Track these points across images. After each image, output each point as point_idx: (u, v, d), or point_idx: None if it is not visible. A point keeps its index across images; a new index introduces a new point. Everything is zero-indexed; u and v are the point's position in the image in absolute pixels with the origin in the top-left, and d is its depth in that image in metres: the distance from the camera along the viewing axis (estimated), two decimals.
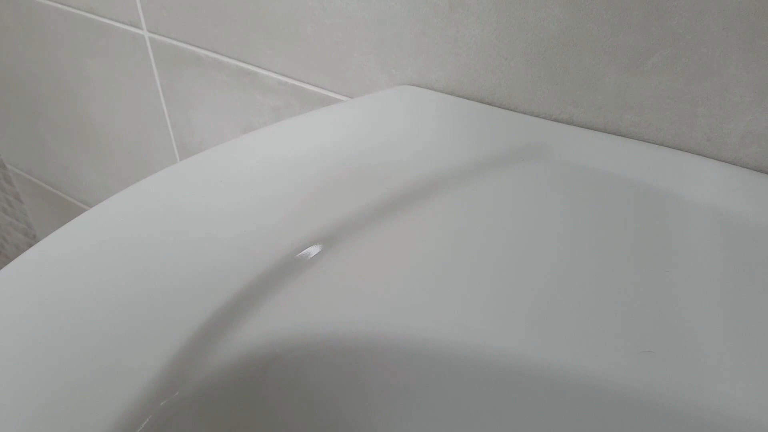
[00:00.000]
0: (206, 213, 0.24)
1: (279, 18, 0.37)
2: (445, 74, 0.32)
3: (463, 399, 0.21)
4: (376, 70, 0.34)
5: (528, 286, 0.21)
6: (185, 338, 0.19)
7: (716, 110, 0.26)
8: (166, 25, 0.44)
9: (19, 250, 1.00)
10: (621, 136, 0.29)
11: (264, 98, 0.42)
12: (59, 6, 0.52)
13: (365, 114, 0.31)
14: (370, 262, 0.22)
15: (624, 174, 0.27)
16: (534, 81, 0.30)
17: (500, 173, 0.27)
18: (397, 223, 0.24)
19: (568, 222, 0.24)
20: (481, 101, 0.32)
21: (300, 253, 0.22)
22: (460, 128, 0.29)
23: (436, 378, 0.21)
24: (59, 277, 0.21)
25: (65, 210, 0.75)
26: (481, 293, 0.21)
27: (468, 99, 0.32)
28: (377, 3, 0.32)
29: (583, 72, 0.28)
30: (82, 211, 0.71)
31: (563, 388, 0.20)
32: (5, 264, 0.91)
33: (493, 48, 0.30)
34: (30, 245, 0.92)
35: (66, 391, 0.17)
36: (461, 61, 0.31)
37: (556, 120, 0.30)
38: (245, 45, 0.40)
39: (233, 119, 0.45)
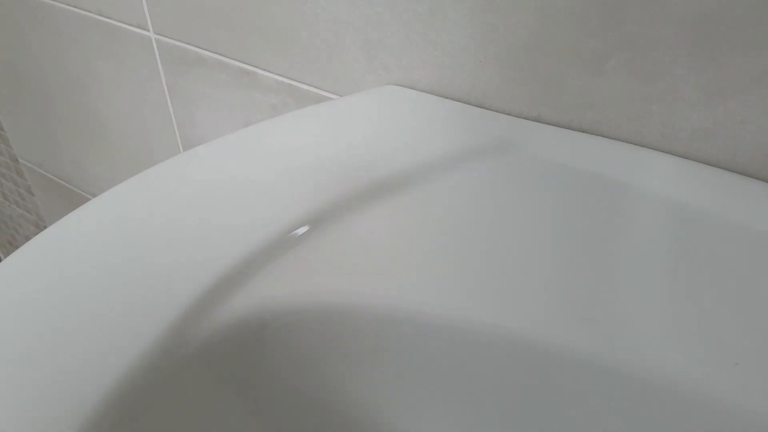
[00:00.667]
0: (203, 199, 0.27)
1: (276, 22, 0.40)
2: (426, 75, 0.35)
3: (431, 361, 0.24)
4: (364, 70, 0.37)
5: (492, 263, 0.24)
6: (186, 305, 0.22)
7: (668, 108, 0.29)
8: (171, 27, 0.47)
9: None
10: (584, 132, 0.31)
11: (262, 97, 0.44)
12: (70, 8, 0.55)
13: (352, 111, 0.33)
14: (351, 242, 0.25)
15: (585, 167, 0.29)
16: (506, 82, 0.32)
17: (472, 165, 0.29)
18: (377, 208, 0.27)
19: (532, 209, 0.27)
20: (459, 100, 0.34)
21: (290, 233, 0.25)
22: (438, 125, 0.32)
23: (406, 342, 0.23)
24: (71, 254, 0.24)
25: (75, 202, 0.78)
26: (449, 268, 0.24)
27: (447, 98, 0.35)
28: (365, 10, 0.35)
29: (549, 74, 0.31)
30: None
31: (518, 351, 0.23)
32: None
33: (468, 51, 0.33)
34: None
35: (78, 352, 0.20)
36: (441, 63, 0.34)
37: (526, 118, 0.33)
38: (245, 47, 0.43)
39: (233, 116, 0.48)
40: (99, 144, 0.65)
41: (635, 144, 0.30)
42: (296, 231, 0.25)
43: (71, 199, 0.78)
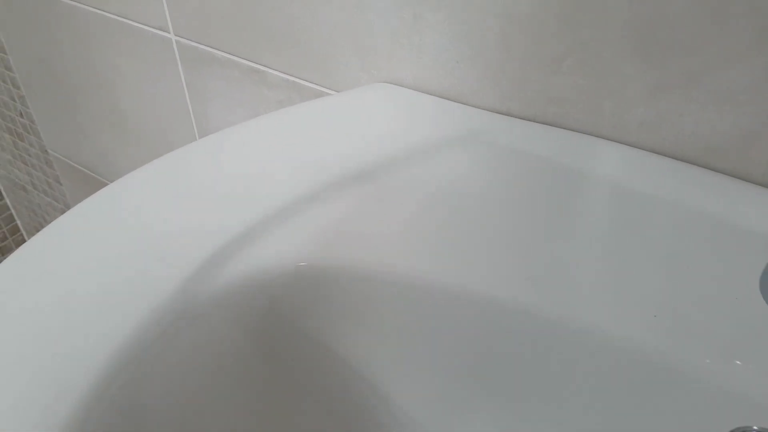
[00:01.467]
0: (220, 177, 0.31)
1: (281, 27, 0.45)
2: (411, 74, 0.39)
3: (404, 312, 0.28)
4: (358, 69, 0.42)
5: (459, 233, 0.29)
6: (204, 259, 0.27)
7: (617, 103, 0.33)
8: (189, 30, 0.52)
9: None
10: (546, 124, 0.36)
11: (270, 92, 0.49)
12: (98, 12, 0.60)
13: (346, 105, 0.38)
14: (342, 215, 0.30)
15: (545, 154, 0.34)
16: (479, 80, 0.37)
17: (447, 152, 0.34)
18: (365, 187, 0.31)
19: (496, 189, 0.31)
20: (440, 96, 0.39)
21: (291, 206, 0.30)
22: (420, 117, 0.37)
23: (383, 295, 0.28)
24: (110, 218, 0.29)
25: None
26: (423, 238, 0.28)
27: (429, 94, 0.39)
28: (357, 16, 0.40)
29: (515, 73, 0.35)
30: None
31: (477, 306, 0.27)
32: None
33: (447, 53, 0.37)
34: None
35: (118, 293, 0.25)
36: (423, 63, 0.38)
37: (498, 112, 0.37)
38: (255, 48, 0.48)
39: (244, 110, 0.52)
40: (122, 136, 0.71)
41: (590, 134, 0.35)
42: (296, 204, 0.30)
43: (97, 187, 0.84)
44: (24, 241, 1.21)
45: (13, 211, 1.19)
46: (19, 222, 1.22)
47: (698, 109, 0.31)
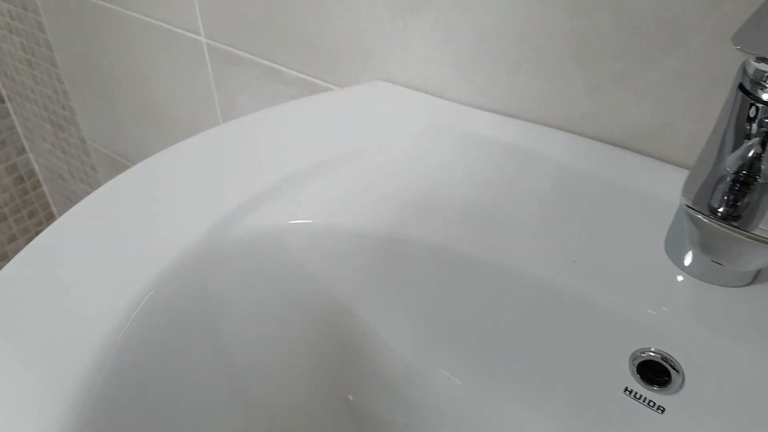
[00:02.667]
0: (244, 150, 0.39)
1: (297, 33, 0.53)
2: (404, 74, 0.47)
3: (382, 263, 0.36)
4: (359, 70, 0.50)
5: (430, 200, 0.36)
6: (227, 212, 0.35)
7: (566, 99, 0.41)
8: (218, 34, 0.60)
9: None
10: (510, 116, 0.43)
11: (285, 89, 0.57)
12: (139, 16, 0.68)
13: (347, 99, 0.46)
14: (340, 184, 0.37)
15: (506, 140, 0.41)
16: (457, 80, 0.44)
17: (425, 137, 0.42)
18: (358, 164, 0.39)
19: (463, 167, 0.39)
20: (425, 92, 0.47)
21: (294, 177, 0.38)
22: (407, 109, 0.44)
23: (364, 250, 0.36)
24: (152, 179, 0.37)
25: None
26: (405, 205, 0.36)
27: (416, 90, 0.47)
28: (359, 25, 0.48)
29: (485, 74, 0.43)
30: None
31: (441, 256, 0.35)
32: None
33: (431, 57, 0.45)
34: None
35: (154, 239, 0.33)
36: (413, 65, 0.46)
37: (473, 106, 0.45)
38: (273, 50, 0.56)
39: (263, 103, 0.61)
40: (155, 127, 0.80)
41: (544, 125, 0.42)
42: (300, 175, 0.38)
43: None
44: None
45: (50, 198, 1.29)
46: (54, 209, 1.32)
47: (627, 103, 0.39)
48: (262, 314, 0.37)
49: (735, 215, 0.22)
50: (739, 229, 0.22)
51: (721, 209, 0.22)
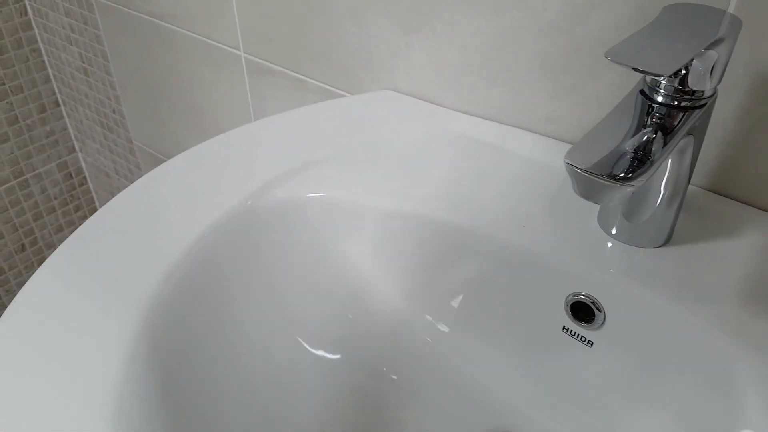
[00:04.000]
0: (269, 142, 0.50)
1: (319, 50, 0.63)
2: (405, 84, 0.57)
3: (378, 228, 0.46)
4: (370, 80, 0.60)
5: (409, 177, 0.46)
6: (258, 186, 0.45)
7: (532, 105, 0.50)
8: (255, 49, 0.71)
9: None
10: (489, 120, 0.53)
11: (309, 96, 0.68)
12: (187, 32, 0.80)
13: (357, 104, 0.56)
14: (342, 167, 0.48)
15: (483, 138, 0.51)
16: (448, 89, 0.54)
17: (417, 134, 0.51)
18: (359, 153, 0.49)
19: (442, 156, 0.49)
20: (423, 100, 0.57)
21: (310, 163, 0.48)
22: (405, 112, 0.54)
23: (363, 216, 0.46)
24: (190, 166, 0.47)
25: None
26: (387, 178, 0.46)
27: (416, 98, 0.57)
28: (370, 43, 0.58)
29: (470, 85, 0.53)
30: None
31: (417, 221, 0.44)
32: None
33: (427, 70, 0.55)
34: None
35: (199, 200, 0.44)
36: (413, 77, 0.56)
37: (460, 111, 0.55)
38: (300, 64, 0.67)
39: (290, 108, 0.71)
40: (197, 129, 0.91)
41: (514, 126, 0.52)
42: (314, 161, 0.48)
43: None
44: None
45: (94, 194, 1.42)
46: (97, 204, 1.44)
47: (580, 109, 0.48)
48: (289, 262, 0.47)
49: (626, 177, 0.31)
50: (612, 179, 0.30)
51: (620, 174, 0.31)
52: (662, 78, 0.34)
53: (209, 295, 0.41)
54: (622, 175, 0.29)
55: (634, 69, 0.28)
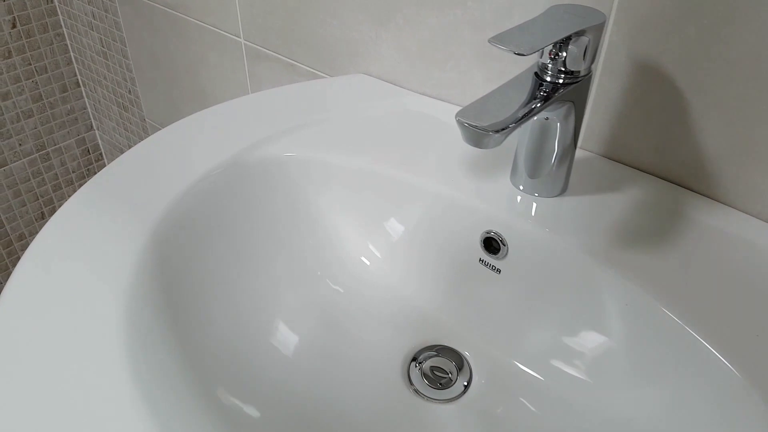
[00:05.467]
0: (251, 113, 0.61)
1: (306, 38, 0.74)
2: (375, 69, 0.69)
3: (347, 184, 0.57)
4: (348, 65, 0.71)
5: (374, 143, 0.57)
6: (246, 145, 0.56)
7: (471, 88, 0.61)
8: (253, 37, 0.83)
9: None
10: (440, 100, 0.64)
11: (298, 78, 0.79)
12: (196, 21, 0.91)
13: (332, 84, 0.67)
14: (318, 136, 0.59)
15: (432, 114, 0.62)
16: (407, 74, 0.65)
17: (379, 109, 0.63)
18: (328, 124, 0.60)
19: (401, 127, 0.60)
20: (389, 82, 0.68)
21: (289, 129, 0.59)
22: (374, 93, 0.66)
23: (335, 175, 0.57)
24: (197, 126, 0.59)
25: None
26: (351, 143, 0.57)
27: (384, 81, 0.68)
28: (348, 34, 0.69)
29: (425, 70, 0.64)
30: None
31: (372, 176, 0.56)
32: None
33: (392, 57, 0.66)
34: None
35: (196, 155, 0.55)
36: (381, 63, 0.67)
37: (417, 92, 0.66)
38: (291, 50, 0.78)
39: None
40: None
41: (456, 104, 0.63)
42: (292, 128, 0.60)
43: None
44: None
45: None
46: None
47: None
48: (272, 207, 0.58)
49: (494, 127, 0.42)
50: (483, 129, 0.41)
51: (504, 129, 0.42)
52: (549, 63, 0.45)
53: (204, 223, 0.52)
54: (491, 125, 0.40)
55: (502, 48, 0.39)
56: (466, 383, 0.51)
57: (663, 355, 0.43)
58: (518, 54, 0.39)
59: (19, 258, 1.45)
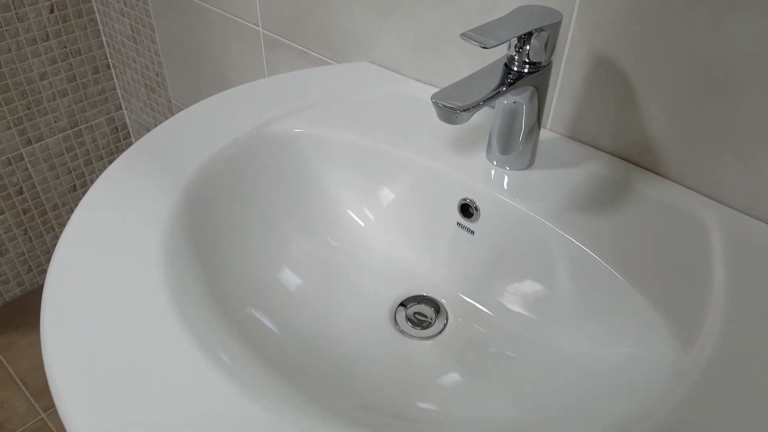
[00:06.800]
0: (266, 93, 0.70)
1: (317, 28, 0.83)
2: (378, 57, 0.77)
3: (347, 157, 0.66)
4: (354, 54, 0.80)
5: (367, 123, 0.66)
6: (259, 122, 0.65)
7: (457, 74, 0.70)
8: (270, 26, 0.92)
9: None
10: (429, 84, 0.73)
11: (309, 64, 0.88)
12: (220, 11, 1.01)
13: (338, 70, 0.76)
14: (319, 116, 0.68)
15: (422, 97, 0.71)
16: (405, 62, 0.74)
17: (379, 94, 0.72)
18: (331, 105, 0.70)
19: (388, 105, 0.69)
20: (389, 69, 0.77)
21: (298, 108, 0.69)
22: (375, 78, 0.75)
23: (336, 150, 0.66)
24: (218, 108, 0.68)
25: None
26: (356, 129, 0.66)
27: (384, 68, 0.77)
28: (354, 26, 0.78)
29: (419, 60, 0.73)
30: None
31: (367, 150, 0.65)
32: None
33: (393, 47, 0.75)
34: None
35: (219, 130, 0.65)
36: (383, 52, 0.76)
37: (412, 78, 0.75)
38: (303, 39, 0.87)
39: None
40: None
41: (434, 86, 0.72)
42: (299, 108, 0.69)
43: None
44: None
45: None
46: None
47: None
48: (282, 174, 0.68)
49: (461, 107, 0.51)
50: (452, 109, 0.50)
51: (469, 109, 0.51)
52: (515, 54, 0.54)
53: (226, 184, 0.62)
54: (459, 105, 0.49)
55: (471, 42, 0.48)
56: (443, 325, 0.60)
57: (599, 299, 0.51)
58: (483, 47, 0.48)
59: (52, 227, 1.57)
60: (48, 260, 1.61)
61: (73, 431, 0.39)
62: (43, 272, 1.62)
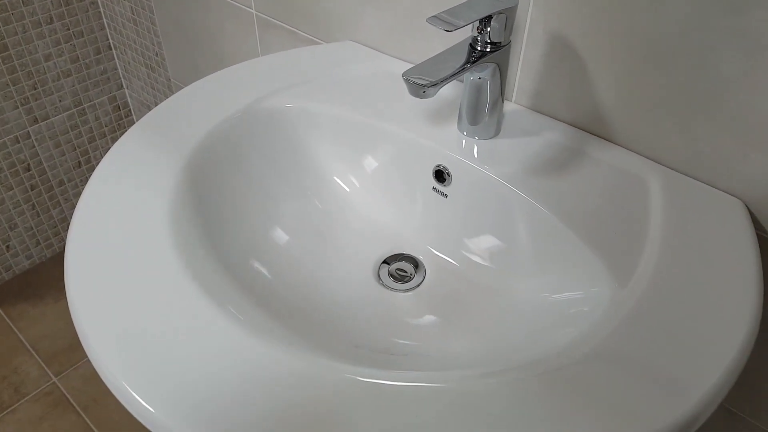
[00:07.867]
0: (255, 72, 0.77)
1: (306, 9, 0.90)
2: (362, 37, 0.84)
3: (334, 132, 0.73)
4: (340, 34, 0.87)
5: (349, 97, 0.73)
6: (251, 99, 0.72)
7: (432, 53, 0.77)
8: (263, 8, 0.98)
9: None
10: (407, 62, 0.79)
11: (299, 44, 0.95)
12: None
13: (324, 49, 0.83)
14: (306, 92, 0.75)
15: (395, 70, 0.78)
16: (386, 42, 0.81)
17: (361, 71, 0.78)
18: (314, 84, 0.76)
19: (370, 80, 0.76)
20: (371, 48, 0.83)
21: (285, 87, 0.75)
22: (358, 56, 0.81)
23: (322, 124, 0.73)
24: (216, 85, 0.75)
25: None
26: (335, 96, 0.73)
27: (367, 47, 0.84)
28: (341, 8, 0.84)
29: (398, 40, 0.79)
30: None
31: (349, 123, 0.72)
32: None
33: (375, 28, 0.81)
34: None
35: (217, 105, 0.71)
36: (366, 33, 0.83)
37: (393, 56, 0.81)
38: (293, 20, 0.93)
39: None
40: (220, 69, 1.18)
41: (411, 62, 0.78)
42: (287, 86, 0.76)
43: None
44: None
45: None
46: None
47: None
48: (275, 144, 0.75)
49: (429, 82, 0.58)
50: (419, 85, 0.57)
51: (436, 84, 0.58)
52: (477, 35, 0.61)
53: (224, 153, 0.69)
54: (426, 81, 0.56)
55: (435, 26, 0.55)
56: (422, 279, 0.68)
57: (551, 250, 0.59)
58: (446, 30, 0.54)
59: (59, 202, 1.64)
60: (55, 234, 1.69)
61: (104, 371, 0.46)
62: (50, 246, 1.70)
